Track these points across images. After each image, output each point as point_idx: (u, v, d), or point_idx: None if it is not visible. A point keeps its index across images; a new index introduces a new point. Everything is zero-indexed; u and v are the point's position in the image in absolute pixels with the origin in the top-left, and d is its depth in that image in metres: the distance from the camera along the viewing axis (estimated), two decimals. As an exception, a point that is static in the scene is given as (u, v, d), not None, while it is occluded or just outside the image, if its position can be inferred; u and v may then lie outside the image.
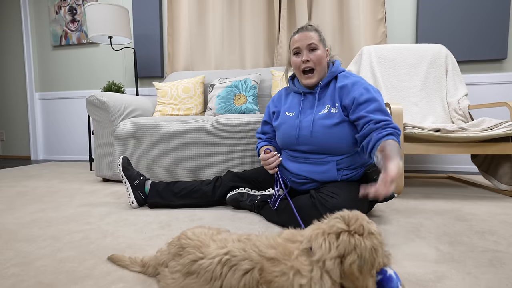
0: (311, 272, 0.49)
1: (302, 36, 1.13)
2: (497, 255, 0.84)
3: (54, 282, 0.72)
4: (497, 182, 1.57)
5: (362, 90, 1.05)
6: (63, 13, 3.04)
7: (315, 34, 1.14)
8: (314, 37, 1.13)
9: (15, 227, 1.11)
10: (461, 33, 2.20)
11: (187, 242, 0.64)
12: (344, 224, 0.52)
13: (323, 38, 1.16)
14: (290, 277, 0.50)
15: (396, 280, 0.53)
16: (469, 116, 1.79)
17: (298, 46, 1.14)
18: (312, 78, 1.14)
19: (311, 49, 1.13)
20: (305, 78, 1.15)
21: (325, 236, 0.52)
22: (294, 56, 1.16)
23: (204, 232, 0.67)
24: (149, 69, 2.79)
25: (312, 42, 1.12)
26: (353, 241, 0.50)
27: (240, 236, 0.63)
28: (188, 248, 0.63)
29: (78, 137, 3.18)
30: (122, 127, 1.85)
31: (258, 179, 1.33)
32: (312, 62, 1.13)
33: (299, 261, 0.51)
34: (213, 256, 0.57)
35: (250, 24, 2.48)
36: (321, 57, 1.13)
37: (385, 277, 0.53)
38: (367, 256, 0.49)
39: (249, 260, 0.54)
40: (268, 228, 1.08)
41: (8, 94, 3.34)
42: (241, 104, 2.02)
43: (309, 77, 1.15)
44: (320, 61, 1.13)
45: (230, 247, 0.58)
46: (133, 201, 1.34)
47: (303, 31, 1.14)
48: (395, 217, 1.20)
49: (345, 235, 0.51)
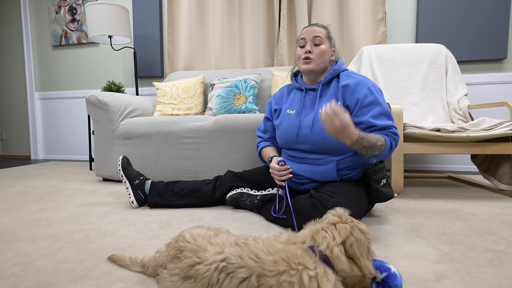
0: (315, 269, 0.52)
1: (310, 29, 1.15)
2: (497, 255, 0.84)
3: (54, 282, 0.72)
4: (497, 182, 1.57)
5: (366, 91, 1.05)
6: (63, 13, 3.04)
7: (324, 30, 1.16)
8: (321, 32, 1.14)
9: (15, 226, 1.11)
10: (461, 33, 2.20)
11: (185, 245, 0.64)
12: (337, 217, 0.61)
13: (331, 36, 1.17)
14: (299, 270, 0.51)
15: (399, 277, 0.58)
16: (469, 116, 1.79)
17: (304, 37, 1.15)
18: (309, 64, 1.14)
19: (315, 44, 1.14)
20: (303, 63, 1.16)
21: (326, 229, 0.59)
22: (299, 47, 1.18)
23: (202, 234, 0.67)
24: (149, 69, 2.79)
25: (318, 35, 1.13)
26: (348, 227, 0.58)
27: (238, 238, 0.63)
28: (185, 251, 0.63)
29: (78, 136, 3.18)
30: (122, 127, 1.85)
31: (258, 179, 1.33)
32: (314, 54, 1.13)
33: (305, 259, 0.54)
34: (210, 263, 0.58)
35: (250, 24, 2.47)
36: (324, 52, 1.14)
37: (390, 273, 0.58)
38: (361, 238, 0.58)
39: (246, 269, 0.54)
40: (268, 228, 1.08)
41: (8, 94, 3.34)
42: (241, 104, 2.02)
43: (306, 63, 1.15)
44: (322, 55, 1.13)
45: (227, 253, 0.58)
46: (133, 201, 1.34)
47: (312, 26, 1.16)
48: (395, 217, 1.20)
49: (340, 224, 0.59)
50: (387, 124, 1.03)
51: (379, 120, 1.03)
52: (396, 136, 1.03)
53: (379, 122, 1.03)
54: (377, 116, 1.04)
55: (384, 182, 1.12)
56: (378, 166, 1.10)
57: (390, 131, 1.02)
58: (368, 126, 1.04)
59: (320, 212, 0.95)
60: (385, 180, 1.13)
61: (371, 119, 1.03)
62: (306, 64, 1.15)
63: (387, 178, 1.14)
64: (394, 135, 1.02)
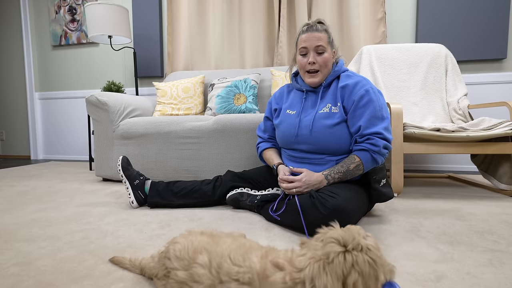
0: None
1: (311, 36, 1.11)
2: (497, 255, 0.84)
3: (54, 282, 0.72)
4: (496, 181, 1.57)
5: (362, 92, 1.05)
6: (62, 13, 3.04)
7: (325, 35, 1.12)
8: (323, 39, 1.11)
9: (15, 227, 1.11)
10: (461, 32, 2.20)
11: (173, 266, 0.62)
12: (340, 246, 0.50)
13: (332, 39, 1.15)
14: None
15: None
16: (468, 116, 1.79)
17: (306, 46, 1.12)
18: (315, 78, 1.14)
19: (318, 52, 1.12)
20: (308, 77, 1.15)
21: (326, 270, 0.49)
22: (301, 56, 1.15)
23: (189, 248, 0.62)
24: (148, 69, 2.79)
25: (320, 45, 1.10)
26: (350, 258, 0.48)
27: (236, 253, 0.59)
28: (172, 273, 0.61)
29: (78, 137, 3.18)
30: (122, 127, 1.85)
31: (258, 179, 1.33)
32: (318, 64, 1.12)
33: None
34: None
35: (250, 23, 2.47)
36: (328, 60, 1.13)
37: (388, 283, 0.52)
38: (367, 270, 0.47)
39: None
40: (268, 228, 1.08)
41: (8, 94, 3.34)
42: (241, 104, 2.02)
43: (312, 76, 1.14)
44: (326, 64, 1.13)
45: None
46: (133, 201, 1.34)
47: (313, 31, 1.11)
48: (394, 216, 1.20)
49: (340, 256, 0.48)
50: (371, 131, 1.04)
51: (367, 128, 1.05)
52: (376, 147, 1.03)
53: (365, 131, 1.05)
54: (368, 120, 1.05)
55: (384, 182, 1.12)
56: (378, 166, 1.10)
57: (369, 142, 1.04)
58: (355, 132, 1.08)
59: (320, 212, 0.95)
60: (385, 180, 1.13)
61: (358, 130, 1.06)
62: (312, 78, 1.14)
63: (387, 178, 1.14)
64: (374, 145, 1.03)
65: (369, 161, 1.05)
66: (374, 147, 1.03)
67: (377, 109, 1.05)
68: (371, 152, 1.04)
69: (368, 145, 1.04)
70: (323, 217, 0.94)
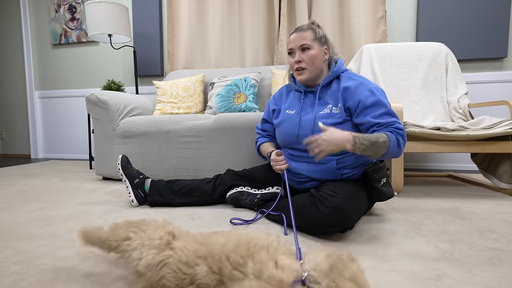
0: None
1: (296, 36, 1.13)
2: (497, 254, 0.85)
3: (54, 281, 0.72)
4: (497, 180, 1.57)
5: (367, 93, 1.05)
6: (62, 12, 3.03)
7: (310, 33, 1.12)
8: (307, 37, 1.12)
9: (15, 225, 1.11)
10: (461, 31, 2.19)
11: None
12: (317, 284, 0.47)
13: (320, 36, 1.14)
14: None
15: None
16: (469, 115, 1.78)
17: (291, 47, 1.15)
18: (302, 75, 1.14)
19: (303, 49, 1.13)
20: (297, 74, 1.16)
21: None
22: (289, 56, 1.18)
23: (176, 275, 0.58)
24: (149, 68, 2.79)
25: (304, 43, 1.11)
26: None
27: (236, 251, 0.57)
28: None
29: (78, 135, 3.18)
30: (122, 125, 1.85)
31: (258, 178, 1.33)
32: (304, 62, 1.12)
33: None
34: None
35: (250, 22, 2.47)
36: (314, 57, 1.12)
37: None
38: None
39: None
40: (268, 226, 1.08)
41: (8, 92, 3.34)
42: (241, 102, 2.02)
43: (299, 74, 1.15)
44: (313, 61, 1.12)
45: None
46: (133, 199, 1.34)
47: (298, 31, 1.14)
48: (395, 215, 1.20)
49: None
50: (389, 120, 1.02)
51: (382, 119, 1.03)
52: (401, 131, 1.00)
53: (381, 120, 1.02)
54: (379, 116, 1.03)
55: (384, 181, 1.12)
56: (378, 165, 1.10)
57: (393, 126, 1.01)
58: (371, 125, 1.03)
59: (320, 211, 0.95)
60: (385, 179, 1.13)
61: (373, 119, 1.03)
62: (299, 75, 1.15)
63: (387, 177, 1.14)
64: (398, 129, 1.00)
65: (394, 143, 0.99)
66: (399, 130, 1.01)
67: (387, 107, 1.04)
68: (395, 134, 1.00)
69: (392, 128, 1.01)
70: (323, 216, 0.94)
